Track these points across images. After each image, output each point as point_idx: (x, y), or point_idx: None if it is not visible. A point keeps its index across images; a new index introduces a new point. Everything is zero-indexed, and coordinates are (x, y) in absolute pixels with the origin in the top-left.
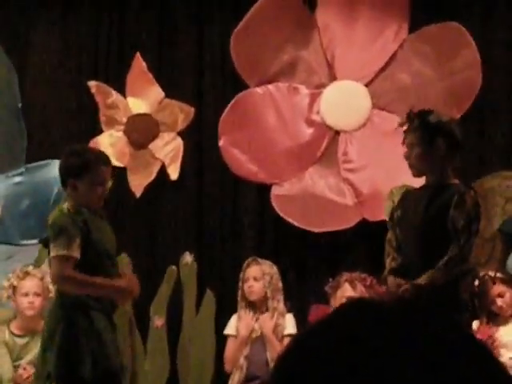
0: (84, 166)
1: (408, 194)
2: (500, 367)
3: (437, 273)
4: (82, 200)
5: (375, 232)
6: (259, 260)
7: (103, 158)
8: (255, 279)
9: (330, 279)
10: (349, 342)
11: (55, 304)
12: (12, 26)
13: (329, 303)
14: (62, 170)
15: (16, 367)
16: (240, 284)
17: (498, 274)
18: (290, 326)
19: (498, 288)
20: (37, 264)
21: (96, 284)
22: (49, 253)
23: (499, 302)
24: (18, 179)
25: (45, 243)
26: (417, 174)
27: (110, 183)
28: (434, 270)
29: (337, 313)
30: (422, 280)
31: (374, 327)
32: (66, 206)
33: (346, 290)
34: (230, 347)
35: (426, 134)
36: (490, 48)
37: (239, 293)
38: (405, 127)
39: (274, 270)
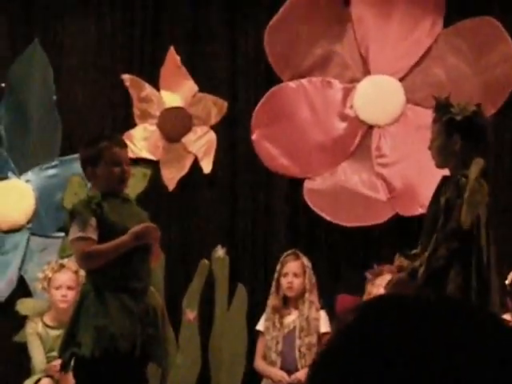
0: (98, 154)
1: None
2: None
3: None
4: (103, 185)
5: (408, 227)
6: (299, 253)
7: (116, 141)
8: (295, 275)
9: (375, 265)
10: (379, 342)
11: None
12: (48, 21)
13: (363, 292)
14: (81, 162)
15: (49, 359)
16: (276, 276)
17: None
18: (324, 323)
19: None
20: (62, 253)
21: (114, 245)
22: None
23: None
24: (52, 172)
25: (65, 231)
26: (438, 166)
27: (128, 165)
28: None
29: (364, 312)
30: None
31: (404, 324)
32: (81, 192)
33: (385, 280)
34: (261, 344)
35: (444, 128)
36: None
37: (274, 286)
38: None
39: (310, 264)
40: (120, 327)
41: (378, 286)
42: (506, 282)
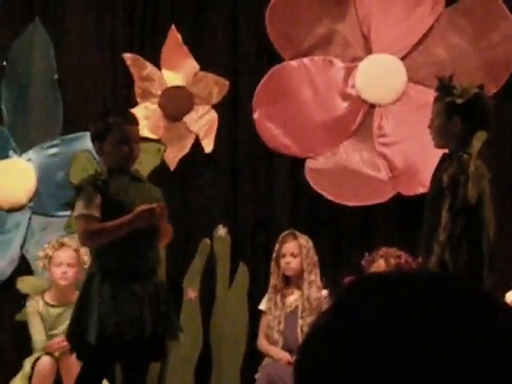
0: (106, 128)
1: None
2: None
3: (439, 245)
4: (109, 162)
5: (409, 206)
6: (296, 233)
7: (127, 118)
8: (293, 255)
9: (367, 254)
10: (367, 324)
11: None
12: (48, 0)
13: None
14: (91, 137)
15: (50, 337)
16: (274, 256)
17: None
18: (327, 302)
19: None
20: (68, 229)
21: (117, 224)
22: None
23: None
24: (53, 150)
25: (71, 207)
26: (437, 146)
27: (137, 142)
28: (437, 246)
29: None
30: (432, 262)
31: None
32: (89, 169)
33: (380, 266)
34: (264, 324)
35: (445, 109)
36: None
37: (273, 266)
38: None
39: (310, 243)
40: (125, 314)
41: (374, 270)
42: None
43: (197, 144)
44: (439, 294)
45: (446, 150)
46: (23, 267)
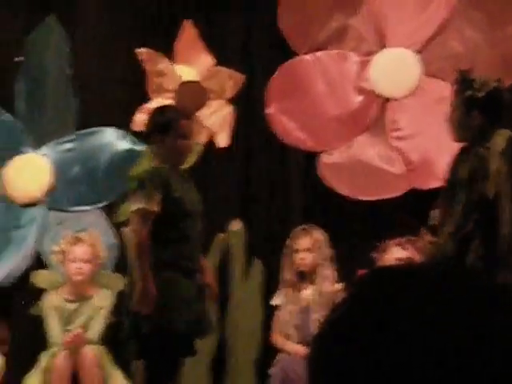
0: (171, 121)
1: None
2: None
3: (443, 235)
4: (169, 155)
5: (424, 200)
6: (310, 228)
7: (188, 114)
8: (307, 250)
9: (378, 244)
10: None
11: None
12: None
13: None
14: (149, 128)
15: (65, 332)
16: (287, 251)
17: None
18: (341, 296)
19: None
20: (120, 218)
21: (140, 268)
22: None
23: None
24: (68, 146)
25: (126, 196)
26: (455, 139)
27: (196, 144)
28: (442, 233)
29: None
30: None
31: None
32: (149, 162)
33: (396, 252)
34: (278, 319)
35: (464, 102)
36: None
37: (285, 261)
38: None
39: (324, 237)
40: (179, 309)
41: (388, 260)
42: None
43: (211, 139)
44: (452, 290)
45: (462, 144)
46: (38, 263)
